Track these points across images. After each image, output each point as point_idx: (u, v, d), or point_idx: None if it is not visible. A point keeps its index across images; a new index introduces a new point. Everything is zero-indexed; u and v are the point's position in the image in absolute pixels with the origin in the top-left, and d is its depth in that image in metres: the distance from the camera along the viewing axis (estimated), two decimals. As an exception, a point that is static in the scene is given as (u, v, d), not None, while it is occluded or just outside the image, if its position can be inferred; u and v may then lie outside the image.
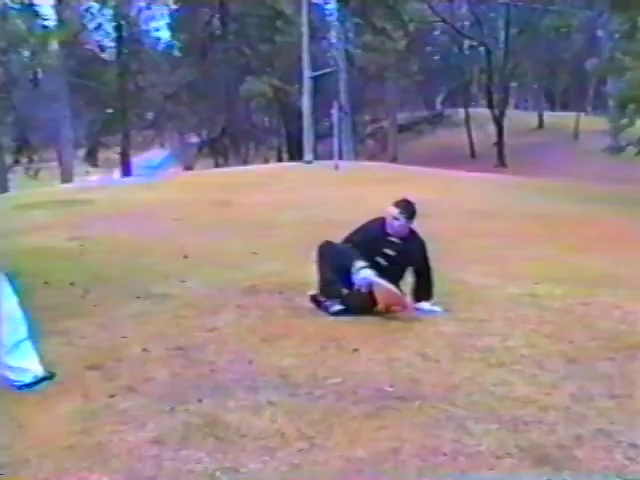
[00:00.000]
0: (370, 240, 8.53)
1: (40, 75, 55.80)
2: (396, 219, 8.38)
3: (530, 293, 9.07)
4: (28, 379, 5.95)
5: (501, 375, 6.05)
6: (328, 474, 4.36)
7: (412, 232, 8.50)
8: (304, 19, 39.95)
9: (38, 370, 6.03)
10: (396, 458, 4.53)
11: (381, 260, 8.33)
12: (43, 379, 6.01)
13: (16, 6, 52.65)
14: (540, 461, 4.47)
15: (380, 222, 8.58)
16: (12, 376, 5.95)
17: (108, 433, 4.97)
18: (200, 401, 5.51)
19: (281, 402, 5.48)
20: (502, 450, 4.62)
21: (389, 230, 8.43)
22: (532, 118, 62.88)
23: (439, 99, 69.39)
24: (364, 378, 6.00)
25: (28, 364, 6.01)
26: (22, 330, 6.02)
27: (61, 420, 5.24)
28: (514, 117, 58.79)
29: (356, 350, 6.77)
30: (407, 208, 8.41)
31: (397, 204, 8.40)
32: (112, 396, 5.66)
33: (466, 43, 60.95)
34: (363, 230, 8.80)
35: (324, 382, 5.91)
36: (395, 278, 8.20)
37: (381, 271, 8.12)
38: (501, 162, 52.13)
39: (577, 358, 6.51)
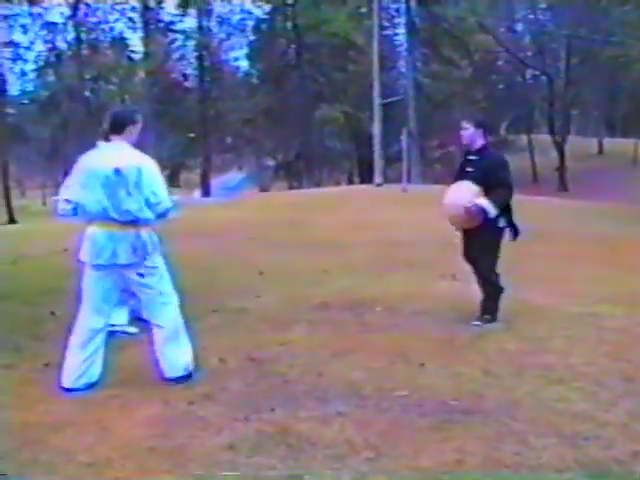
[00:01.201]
0: (460, 166, 8.64)
1: (127, 102, 56.52)
2: (465, 129, 8.40)
3: (590, 313, 8.94)
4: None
5: (561, 391, 5.98)
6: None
7: (488, 148, 8.45)
8: (375, 49, 40.04)
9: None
10: (460, 469, 4.50)
11: (467, 180, 8.28)
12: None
13: (107, 38, 53.67)
14: (599, 475, 4.41)
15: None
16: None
17: (186, 438, 5.03)
18: (273, 410, 5.53)
19: (349, 413, 5.48)
20: (562, 464, 4.56)
21: (464, 143, 8.51)
22: (592, 144, 62.32)
23: (503, 125, 68.94)
24: (429, 391, 5.97)
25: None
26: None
27: (142, 424, 5.31)
28: (575, 143, 58.32)
29: (422, 365, 6.74)
30: (474, 117, 8.46)
31: (466, 116, 8.45)
32: (191, 403, 5.72)
33: (529, 72, 60.56)
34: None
35: (391, 394, 5.90)
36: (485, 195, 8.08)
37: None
38: (563, 186, 51.67)
39: (635, 377, 6.40)
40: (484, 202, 8.01)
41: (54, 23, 53.02)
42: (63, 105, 53.69)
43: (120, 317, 7.99)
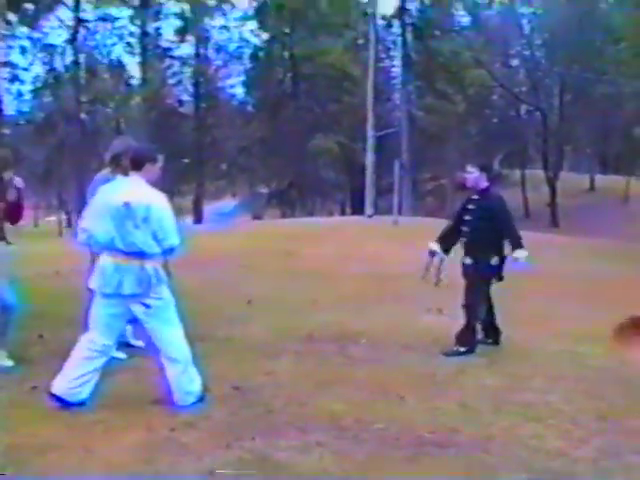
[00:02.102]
0: (462, 205, 9.21)
1: (123, 126, 56.75)
2: (469, 173, 8.92)
3: (571, 351, 9.10)
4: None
5: (536, 428, 6.12)
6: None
7: (490, 189, 8.99)
8: (370, 81, 40.37)
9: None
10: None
11: (467, 216, 8.93)
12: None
13: (105, 62, 53.95)
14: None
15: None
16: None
17: (168, 464, 5.16)
18: (253, 439, 5.66)
19: (329, 443, 5.61)
20: (530, 499, 4.69)
21: (468, 186, 9.05)
22: (585, 180, 62.61)
23: (497, 160, 69.27)
24: (407, 424, 6.11)
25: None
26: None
27: (125, 449, 5.43)
28: (567, 179, 58.57)
29: (402, 398, 6.88)
30: (479, 161, 9.25)
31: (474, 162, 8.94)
32: (173, 430, 5.84)
33: (523, 107, 60.97)
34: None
35: (370, 427, 6.04)
36: (480, 233, 8.70)
37: (468, 225, 8.88)
38: (554, 222, 51.89)
39: (608, 415, 6.55)
40: (522, 255, 8.65)
41: (53, 45, 53.33)
42: (59, 127, 53.89)
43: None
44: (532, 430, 6.07)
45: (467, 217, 8.93)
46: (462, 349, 8.63)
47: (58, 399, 6.31)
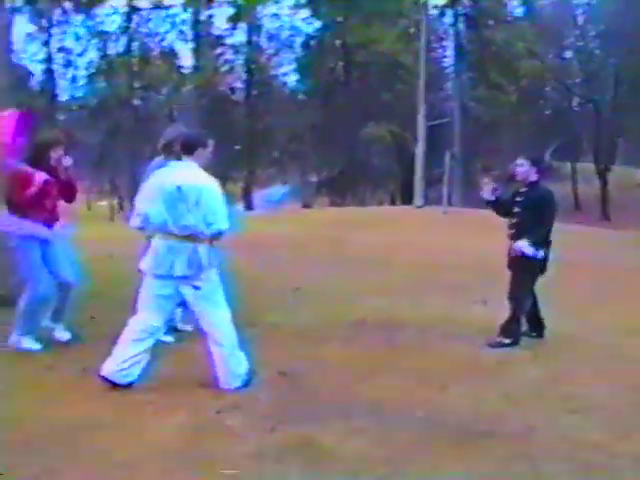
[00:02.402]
0: (510, 197, 9.20)
1: (175, 112, 57.11)
2: (520, 165, 8.95)
3: (619, 344, 9.05)
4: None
5: (579, 421, 6.11)
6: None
7: (539, 183, 8.99)
8: (422, 71, 40.19)
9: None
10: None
11: (515, 208, 8.97)
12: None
13: (158, 49, 54.30)
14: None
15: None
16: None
17: (213, 444, 5.26)
18: (298, 423, 5.74)
19: (371, 430, 5.68)
20: (570, 491, 4.72)
21: (518, 179, 9.06)
22: (637, 174, 61.80)
23: (548, 152, 68.72)
24: (450, 412, 6.16)
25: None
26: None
27: (173, 430, 5.55)
28: (620, 172, 57.86)
29: (446, 386, 6.92)
30: (530, 155, 9.12)
31: (527, 155, 9.09)
32: (219, 412, 5.94)
33: (576, 99, 60.34)
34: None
35: (413, 414, 6.09)
36: (526, 225, 8.69)
37: (515, 217, 8.91)
38: (605, 216, 51.35)
39: (654, 409, 6.54)
40: (523, 244, 8.61)
41: (107, 32, 53.77)
42: (112, 112, 54.36)
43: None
44: (574, 422, 6.07)
45: (515, 209, 8.94)
46: (506, 341, 8.64)
47: (108, 381, 6.44)
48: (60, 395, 6.41)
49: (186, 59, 58.41)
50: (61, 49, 55.41)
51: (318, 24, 57.40)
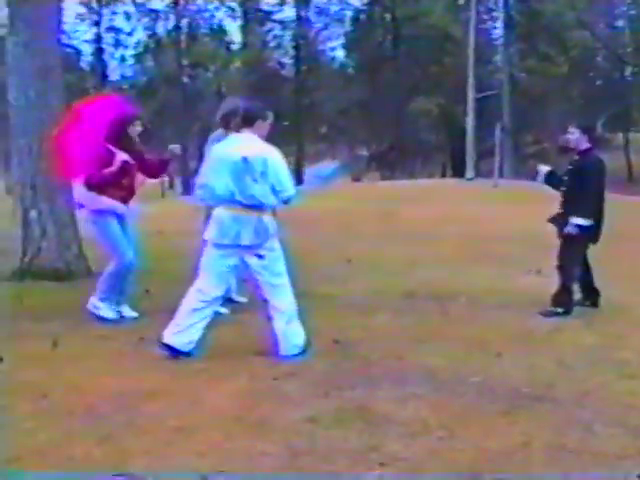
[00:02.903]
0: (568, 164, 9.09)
1: (224, 89, 57.32)
2: (570, 133, 8.89)
3: (673, 311, 9.02)
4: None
5: (632, 386, 6.11)
6: (462, 460, 4.59)
7: (591, 151, 8.90)
8: (471, 43, 39.96)
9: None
10: (525, 451, 4.72)
11: (565, 177, 8.96)
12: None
13: (207, 26, 54.51)
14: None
15: None
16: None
17: (269, 410, 5.35)
18: (353, 389, 5.83)
19: (425, 395, 5.74)
20: (624, 452, 4.72)
21: (570, 147, 8.99)
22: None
23: (600, 123, 67.93)
24: (503, 379, 6.20)
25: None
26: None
27: (229, 396, 5.66)
28: (674, 142, 57.16)
29: (499, 354, 6.95)
30: (581, 123, 9.02)
31: (576, 123, 9.00)
32: (275, 379, 6.05)
33: (628, 69, 59.50)
34: None
35: (466, 380, 6.14)
36: (576, 193, 8.67)
37: (565, 185, 8.89)
38: (659, 186, 50.73)
39: None
40: (578, 221, 8.58)
41: (156, 10, 54.10)
42: (160, 91, 54.71)
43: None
44: (628, 387, 6.07)
45: (565, 177, 8.93)
46: (559, 310, 8.64)
47: (169, 348, 6.58)
48: (118, 364, 6.56)
49: (235, 36, 58.46)
50: (110, 29, 55.87)
51: (367, -2, 57.27)
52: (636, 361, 6.85)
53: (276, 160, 6.60)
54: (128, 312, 8.40)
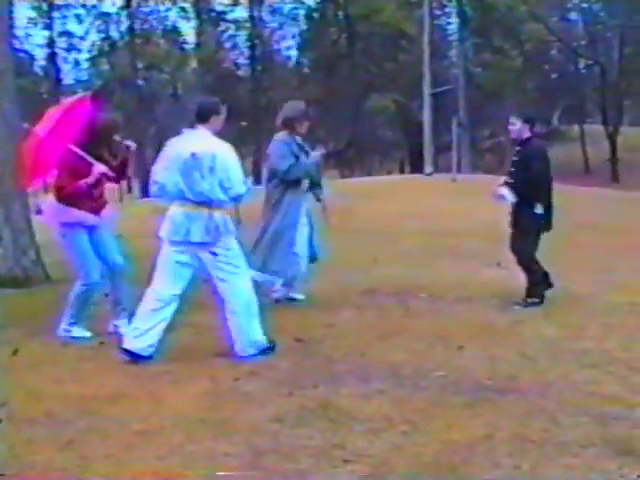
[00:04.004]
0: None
1: (180, 91, 57.15)
2: (512, 124, 8.97)
3: (631, 302, 9.04)
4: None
5: (594, 375, 6.17)
6: (426, 454, 4.59)
7: (532, 140, 8.99)
8: (426, 39, 40.14)
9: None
10: (488, 443, 4.74)
11: (512, 168, 9.02)
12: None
13: (160, 28, 54.27)
14: (622, 452, 4.59)
15: None
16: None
17: (232, 411, 5.33)
18: (316, 387, 5.82)
19: (389, 391, 5.74)
20: (587, 441, 4.75)
21: (512, 137, 9.28)
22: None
23: (556, 115, 68.46)
24: (466, 372, 6.21)
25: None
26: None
27: (191, 398, 5.62)
28: (628, 133, 57.60)
29: (461, 347, 6.98)
30: (523, 114, 9.10)
31: (516, 113, 9.14)
32: (237, 379, 6.02)
33: (582, 62, 59.99)
34: None
35: (429, 375, 6.15)
36: (523, 182, 8.71)
37: (512, 176, 8.88)
38: (614, 178, 51.19)
39: (668, 361, 6.58)
40: (504, 190, 8.75)
41: (108, 13, 53.77)
42: (116, 94, 54.38)
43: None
44: (589, 376, 6.12)
45: (512, 169, 8.98)
46: (535, 300, 8.70)
47: (129, 353, 6.53)
48: (78, 369, 6.50)
49: (189, 37, 58.23)
50: (63, 33, 55.45)
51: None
52: (596, 350, 6.91)
53: (225, 156, 6.58)
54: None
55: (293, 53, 63.92)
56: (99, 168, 7.67)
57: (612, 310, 8.61)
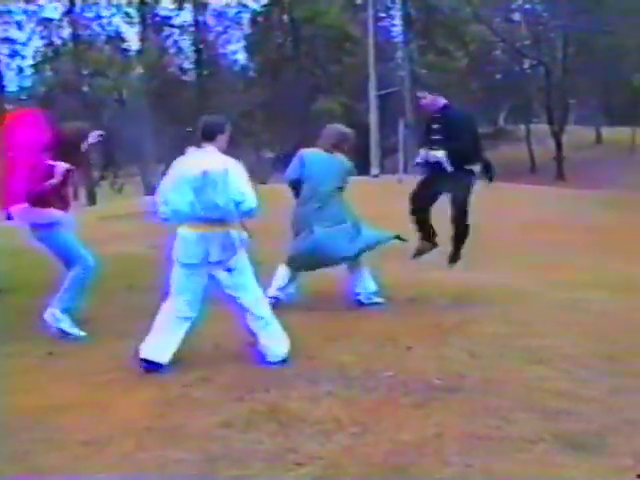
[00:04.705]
0: (426, 127, 9.42)
1: (125, 96, 56.78)
2: (423, 98, 9.23)
3: (577, 298, 9.20)
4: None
5: (541, 371, 6.26)
6: (377, 455, 4.62)
7: (449, 106, 9.20)
8: (370, 41, 40.27)
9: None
10: (438, 442, 4.78)
11: (434, 136, 9.10)
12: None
13: (104, 34, 53.83)
14: (571, 446, 4.67)
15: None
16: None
17: (182, 417, 5.32)
18: (266, 391, 5.82)
19: (338, 393, 5.76)
20: (537, 436, 4.83)
21: (426, 108, 9.31)
22: (591, 133, 62.29)
23: (502, 115, 69.02)
24: (415, 372, 6.25)
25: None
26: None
27: (141, 406, 5.60)
28: (573, 132, 58.26)
29: (409, 348, 7.02)
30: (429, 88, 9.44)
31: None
32: (187, 386, 6.00)
33: (526, 62, 60.52)
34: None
35: (378, 375, 6.18)
36: (447, 144, 8.88)
37: (439, 143, 8.99)
38: (560, 176, 51.68)
39: (615, 356, 6.69)
40: (438, 154, 8.93)
41: (50, 19, 53.24)
42: (60, 100, 53.86)
43: (369, 285, 9.08)
44: (537, 373, 6.21)
45: (436, 136, 9.08)
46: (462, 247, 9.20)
47: (149, 363, 6.46)
48: (26, 380, 6.41)
49: (133, 42, 57.87)
50: (5, 39, 54.79)
51: (265, 0, 57.20)
52: (543, 347, 7.00)
53: (236, 171, 6.56)
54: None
55: (239, 57, 63.82)
56: (61, 167, 7.70)
57: (557, 306, 8.76)
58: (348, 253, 8.98)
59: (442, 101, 9.07)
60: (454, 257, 9.28)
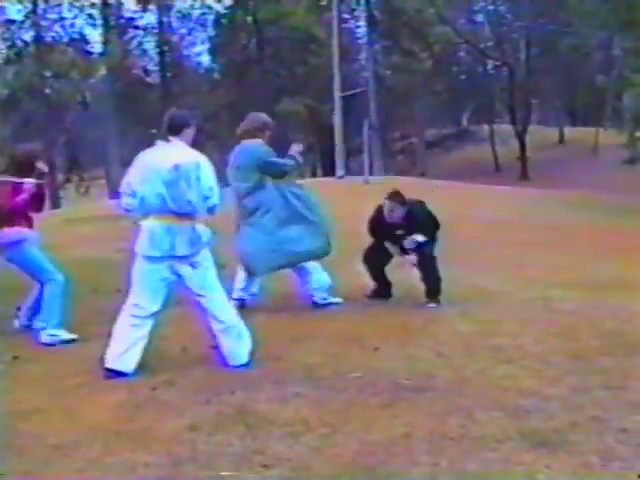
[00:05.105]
0: (383, 229, 9.36)
1: (89, 98, 56.47)
2: (392, 211, 9.08)
3: (543, 297, 9.26)
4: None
5: (508, 370, 6.30)
6: (345, 456, 4.62)
7: (409, 213, 9.10)
8: (335, 42, 40.33)
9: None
10: (407, 442, 4.80)
11: (398, 232, 9.14)
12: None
13: (67, 35, 53.49)
14: (538, 444, 4.70)
15: (379, 214, 9.37)
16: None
17: (150, 421, 5.30)
18: (233, 393, 5.81)
19: (306, 394, 5.76)
20: (504, 435, 4.86)
21: (389, 221, 9.15)
22: (554, 133, 62.72)
23: (465, 116, 69.37)
24: (383, 373, 6.27)
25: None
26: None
27: (108, 410, 5.57)
28: (536, 132, 58.65)
29: (377, 348, 7.04)
30: (398, 198, 9.11)
31: (391, 198, 9.10)
32: (154, 389, 5.98)
33: (490, 63, 60.90)
34: (372, 225, 9.73)
35: (346, 376, 6.19)
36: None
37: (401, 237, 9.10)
38: (524, 176, 52.01)
39: (580, 354, 6.74)
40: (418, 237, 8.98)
41: (12, 20, 52.84)
42: (23, 103, 53.49)
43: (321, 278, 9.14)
44: (504, 371, 6.25)
45: (400, 232, 9.19)
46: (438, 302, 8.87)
47: (114, 372, 6.38)
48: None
49: (96, 44, 57.55)
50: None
51: (229, 1, 57.09)
52: (511, 346, 7.05)
53: (207, 166, 6.53)
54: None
55: (203, 59, 63.69)
56: (28, 182, 7.72)
57: (525, 306, 8.80)
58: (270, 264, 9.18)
59: (403, 211, 9.06)
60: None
